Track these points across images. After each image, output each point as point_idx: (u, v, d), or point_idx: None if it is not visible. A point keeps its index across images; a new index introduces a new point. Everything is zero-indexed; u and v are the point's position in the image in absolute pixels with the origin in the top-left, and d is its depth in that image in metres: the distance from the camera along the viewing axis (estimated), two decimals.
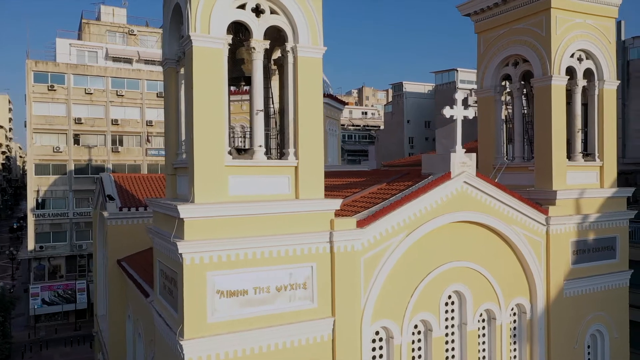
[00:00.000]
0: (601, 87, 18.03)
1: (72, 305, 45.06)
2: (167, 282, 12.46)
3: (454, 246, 14.58)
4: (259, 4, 12.03)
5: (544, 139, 16.92)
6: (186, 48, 11.50)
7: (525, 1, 17.30)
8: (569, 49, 16.99)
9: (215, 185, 11.27)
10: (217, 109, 11.34)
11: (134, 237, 20.98)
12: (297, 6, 12.23)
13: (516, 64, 18.45)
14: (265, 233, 11.64)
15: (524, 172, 18.10)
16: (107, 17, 54.01)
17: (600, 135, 18.05)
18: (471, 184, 14.50)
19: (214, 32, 11.26)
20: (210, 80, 11.25)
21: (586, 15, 17.31)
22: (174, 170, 13.36)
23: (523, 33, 17.65)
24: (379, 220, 12.98)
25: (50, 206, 46.20)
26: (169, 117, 13.59)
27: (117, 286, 20.74)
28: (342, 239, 12.43)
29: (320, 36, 12.51)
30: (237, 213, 11.31)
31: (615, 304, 17.96)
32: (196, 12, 11.08)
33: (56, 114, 46.42)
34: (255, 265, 11.56)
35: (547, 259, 16.18)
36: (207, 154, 11.17)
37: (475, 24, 19.52)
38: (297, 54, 12.25)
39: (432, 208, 13.96)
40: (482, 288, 15.13)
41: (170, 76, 13.55)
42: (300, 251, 12.07)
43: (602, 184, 18.00)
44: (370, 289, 13.02)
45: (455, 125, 14.61)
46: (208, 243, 10.94)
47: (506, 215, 15.25)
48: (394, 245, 13.36)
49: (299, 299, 12.12)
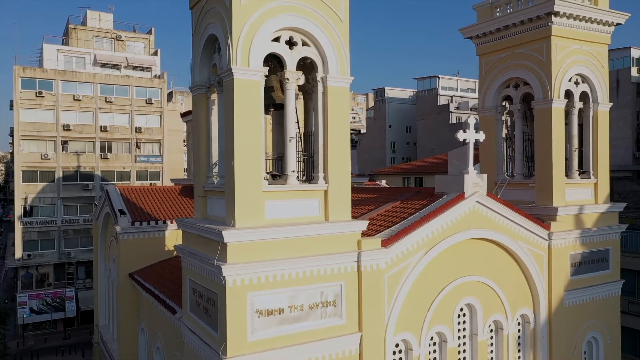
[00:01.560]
0: (595, 109, 19.22)
1: (61, 314, 44.64)
2: (202, 301, 12.98)
3: (466, 261, 15.48)
4: (292, 37, 12.69)
5: (544, 158, 17.97)
6: (225, 79, 12.07)
7: (527, 28, 18.34)
8: (567, 73, 18.10)
9: (253, 210, 11.88)
10: (255, 138, 11.94)
11: (144, 250, 21.33)
12: (326, 38, 12.92)
13: (517, 86, 19.48)
14: (298, 254, 12.29)
15: (524, 189, 19.14)
16: (93, 22, 53.61)
17: (595, 153, 19.23)
18: (483, 203, 15.44)
19: (253, 65, 11.88)
20: (250, 110, 11.85)
21: (582, 42, 18.46)
22: (205, 193, 13.89)
23: (524, 58, 18.70)
24: (402, 239, 13.78)
25: (38, 214, 45.70)
26: (198, 141, 14.09)
27: (128, 299, 21.04)
28: (369, 258, 13.18)
29: (347, 66, 13.23)
30: (275, 236, 11.95)
31: (608, 312, 19.16)
32: (237, 46, 11.68)
33: (44, 121, 45.95)
34: (290, 285, 12.21)
35: (549, 272, 17.23)
36: (248, 180, 11.76)
37: (477, 46, 20.51)
38: (327, 84, 12.94)
39: (448, 226, 14.83)
40: (490, 300, 16.07)
41: (200, 102, 14.07)
42: (330, 271, 12.76)
43: (597, 199, 19.18)
44: (393, 305, 13.80)
45: (468, 148, 15.50)
46: (249, 266, 11.54)
47: (513, 232, 16.23)
48: (414, 262, 14.18)
49: (329, 315, 12.81)
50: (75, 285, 46.72)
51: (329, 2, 12.92)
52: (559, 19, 17.52)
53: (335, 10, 13.03)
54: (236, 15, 11.64)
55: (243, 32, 11.73)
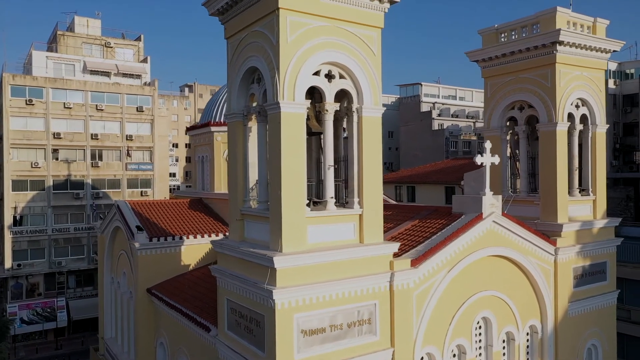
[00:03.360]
0: (594, 130, 20.51)
1: (52, 324, 44.21)
2: (244, 321, 13.60)
3: (482, 277, 16.47)
4: (331, 70, 13.45)
5: (549, 177, 19.11)
6: (271, 111, 12.71)
7: (532, 54, 19.47)
8: (570, 98, 19.31)
9: (298, 236, 12.58)
10: (300, 167, 12.64)
11: (161, 265, 21.72)
12: (361, 71, 13.73)
13: (521, 108, 20.62)
14: (337, 276, 13.05)
15: (528, 205, 20.27)
16: (81, 28, 53.12)
17: (594, 172, 20.51)
18: (499, 222, 16.47)
19: (298, 99, 12.59)
20: (295, 141, 12.54)
21: (583, 68, 19.71)
22: (242, 216, 14.51)
23: (529, 82, 19.83)
24: (429, 259, 14.67)
25: (28, 223, 45.13)
26: (235, 166, 14.69)
27: (146, 314, 21.39)
28: (400, 278, 14.03)
29: (380, 97, 14.06)
30: (318, 260, 12.68)
31: (606, 320, 20.48)
32: (284, 81, 12.37)
33: (34, 129, 45.42)
34: (331, 305, 12.96)
35: (555, 285, 18.40)
36: (293, 208, 12.46)
37: (483, 69, 21.58)
38: (362, 114, 13.75)
39: (467, 245, 15.79)
40: (504, 313, 17.11)
41: (237, 129, 14.68)
42: (366, 290, 13.56)
43: (595, 215, 20.47)
44: (421, 321, 14.68)
45: (484, 170, 16.50)
46: (296, 289, 12.25)
47: (524, 248, 17.32)
48: (439, 280, 15.10)
49: (365, 333, 13.60)
50: (66, 294, 46.31)
51: (364, 38, 13.73)
52: (563, 47, 18.70)
53: (370, 45, 13.85)
54: (283, 53, 12.33)
55: (289, 68, 12.43)
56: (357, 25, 13.57)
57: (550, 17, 18.87)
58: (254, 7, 13.23)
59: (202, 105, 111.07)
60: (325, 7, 12.89)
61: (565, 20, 19.04)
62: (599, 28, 20.20)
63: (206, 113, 27.63)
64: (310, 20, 12.77)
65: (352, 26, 13.49)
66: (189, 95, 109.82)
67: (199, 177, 27.89)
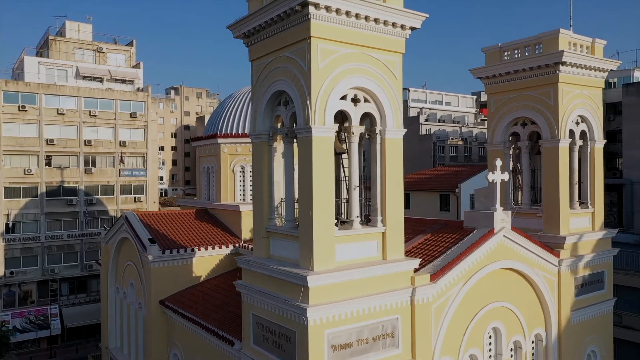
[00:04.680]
0: (592, 145, 21.46)
1: (46, 332, 43.82)
2: (272, 336, 14.06)
3: (492, 289, 17.20)
4: (356, 94, 14.02)
5: (551, 191, 19.96)
6: (301, 135, 13.20)
7: (535, 73, 20.31)
8: (571, 115, 20.21)
9: (328, 254, 13.11)
10: (330, 188, 13.17)
11: (173, 277, 22.03)
12: (385, 95, 14.33)
13: (524, 124, 21.46)
14: (363, 292, 13.61)
15: (531, 218, 21.11)
16: (72, 33, 52.71)
17: (592, 185, 21.45)
18: (509, 237, 17.24)
19: (328, 123, 13.12)
20: (325, 163, 13.07)
21: (583, 87, 20.63)
22: (267, 234, 14.97)
23: (532, 100, 20.67)
24: (447, 274, 15.33)
25: (21, 230, 44.66)
26: (260, 185, 15.15)
27: (159, 325, 21.65)
28: (421, 292, 14.66)
29: (401, 120, 14.66)
30: (346, 278, 13.22)
31: (604, 326, 21.45)
32: (315, 107, 12.89)
33: (27, 135, 44.97)
34: (358, 321, 13.52)
35: (559, 294, 19.25)
36: (323, 227, 12.98)
37: (487, 86, 22.37)
38: (385, 136, 14.34)
39: (480, 259, 16.51)
40: (512, 323, 17.88)
41: (262, 149, 15.13)
42: (390, 305, 14.16)
43: (594, 226, 21.40)
44: (439, 333, 15.34)
45: (495, 187, 17.24)
46: (328, 307, 12.78)
47: (531, 260, 18.12)
48: (455, 293, 15.78)
49: (388, 346, 14.20)
50: (59, 302, 45.95)
51: (387, 63, 14.34)
52: (566, 67, 19.58)
53: (392, 70, 14.46)
54: (315, 79, 12.86)
55: (320, 93, 12.96)
56: (381, 52, 14.17)
57: (552, 38, 19.72)
58: (283, 34, 13.71)
59: (189, 108, 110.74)
60: (352, 34, 13.46)
61: (567, 41, 19.93)
62: (597, 48, 21.16)
63: (211, 124, 27.94)
64: (339, 47, 13.32)
65: (377, 52, 14.09)
66: (175, 98, 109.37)
67: (204, 188, 28.19)
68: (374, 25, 13.74)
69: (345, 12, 13.03)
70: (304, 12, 12.67)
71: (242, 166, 26.13)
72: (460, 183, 38.32)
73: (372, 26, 13.73)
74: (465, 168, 43.22)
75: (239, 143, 25.89)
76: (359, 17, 13.36)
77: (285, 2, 12.85)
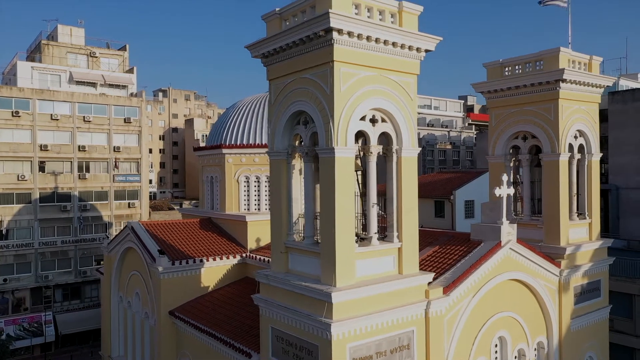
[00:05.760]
0: (590, 159, 22.27)
1: (40, 339, 43.53)
2: (292, 349, 14.47)
3: (499, 300, 17.83)
4: (374, 115, 14.52)
5: (552, 203, 20.68)
6: (323, 155, 13.63)
7: (536, 89, 21.02)
8: (570, 130, 20.97)
9: (349, 270, 13.58)
10: (351, 206, 13.64)
11: (183, 288, 22.30)
12: (401, 115, 14.86)
13: (525, 138, 22.18)
14: (382, 306, 14.10)
15: (532, 228, 21.81)
16: (64, 37, 52.41)
17: (589, 197, 22.26)
18: (515, 249, 17.90)
19: (349, 144, 13.59)
20: (346, 182, 13.54)
21: (581, 102, 21.43)
22: (286, 249, 15.38)
23: (532, 114, 21.38)
24: (458, 286, 15.91)
25: (14, 236, 44.30)
26: (278, 201, 15.55)
27: (168, 335, 21.88)
28: (435, 305, 15.20)
29: (416, 138, 15.20)
30: (367, 294, 13.70)
31: (601, 333, 22.27)
32: (337, 129, 13.35)
33: (21, 141, 44.65)
34: (378, 334, 14.01)
35: (560, 303, 19.98)
36: (345, 244, 13.45)
37: (488, 100, 23.06)
38: (401, 155, 14.87)
39: (488, 271, 17.13)
40: (517, 332, 18.54)
41: (280, 166, 15.54)
42: (406, 318, 14.68)
43: (591, 237, 22.21)
44: (451, 343, 15.91)
45: (502, 202, 17.88)
46: (351, 321, 13.25)
47: (534, 271, 18.82)
48: (465, 305, 16.37)
49: (405, 358, 14.71)
50: (53, 308, 45.66)
51: (403, 84, 14.87)
52: (566, 84, 20.33)
53: (408, 91, 15.00)
54: (337, 101, 13.32)
55: (342, 115, 13.42)
56: (398, 73, 14.69)
57: (553, 56, 20.45)
58: (304, 56, 14.13)
59: (176, 110, 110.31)
60: (372, 58, 13.95)
61: (567, 58, 20.69)
62: (594, 65, 21.99)
63: (215, 134, 28.21)
64: (359, 70, 13.80)
65: (394, 74, 14.61)
66: (163, 100, 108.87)
67: (207, 197, 28.44)
68: (392, 48, 14.26)
69: (366, 36, 13.52)
70: (327, 37, 13.12)
71: (246, 176, 26.47)
72: (454, 190, 39.11)
73: (390, 49, 14.24)
74: (458, 174, 44.06)
75: (244, 153, 26.23)
76: (379, 42, 13.86)
77: (309, 27, 13.28)
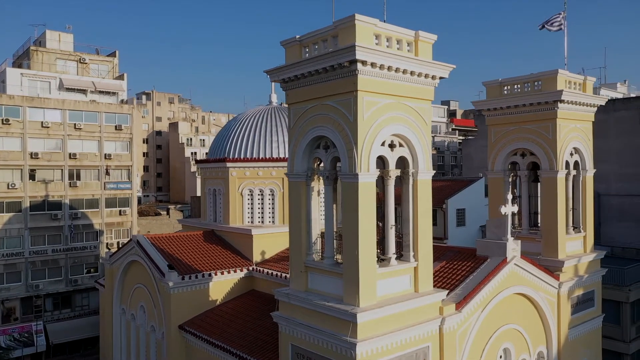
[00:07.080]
0: (584, 175, 23.29)
1: (32, 349, 43.01)
2: None
3: (504, 313, 18.64)
4: (393, 140, 15.15)
5: (550, 218, 21.60)
6: (346, 179, 14.19)
7: (535, 109, 21.93)
8: (568, 147, 21.96)
9: (371, 290, 14.17)
10: (373, 228, 14.24)
11: (192, 302, 22.61)
12: (417, 139, 15.52)
13: (523, 154, 23.08)
14: (400, 323, 14.72)
15: (530, 242, 22.70)
16: (52, 43, 51.77)
17: (584, 211, 23.28)
18: (519, 265, 18.73)
19: (372, 169, 14.19)
20: (369, 206, 14.13)
21: (577, 121, 22.43)
22: (305, 269, 15.89)
23: (531, 132, 22.28)
24: (469, 302, 16.64)
25: (4, 246, 43.66)
26: (298, 222, 16.05)
27: (178, 349, 22.17)
28: (448, 321, 15.90)
29: (430, 161, 15.88)
30: (388, 313, 14.30)
31: (595, 341, 23.31)
32: (360, 155, 13.94)
33: (11, 149, 44.06)
34: (397, 351, 14.64)
35: (558, 314, 20.91)
36: (368, 266, 14.04)
37: (487, 117, 23.92)
38: (417, 178, 15.53)
39: (495, 286, 17.92)
40: (520, 343, 19.38)
41: (300, 188, 16.05)
42: (422, 335, 15.34)
43: (585, 249, 23.23)
44: (462, 356, 16.62)
45: (507, 219, 18.69)
46: (374, 340, 13.84)
47: (536, 285, 19.70)
48: (474, 320, 17.13)
49: None
50: (44, 318, 45.17)
51: (419, 110, 15.54)
52: (563, 104, 21.29)
53: (423, 116, 15.67)
54: (361, 129, 13.91)
55: (365, 141, 14.01)
56: (415, 100, 15.36)
57: (551, 77, 21.40)
58: (327, 84, 14.66)
59: (160, 114, 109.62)
60: (392, 86, 14.58)
61: (564, 80, 21.66)
62: (588, 85, 23.04)
63: (217, 147, 28.50)
64: (380, 98, 14.42)
65: (411, 101, 15.27)
66: (147, 103, 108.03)
67: (209, 209, 28.72)
68: (409, 77, 14.91)
69: (387, 66, 14.14)
70: (351, 68, 13.69)
71: (250, 189, 26.85)
72: (446, 199, 40.02)
73: (408, 78, 14.89)
74: (449, 183, 45.04)
75: (248, 167, 26.60)
76: (398, 71, 14.49)
77: (333, 57, 13.83)
